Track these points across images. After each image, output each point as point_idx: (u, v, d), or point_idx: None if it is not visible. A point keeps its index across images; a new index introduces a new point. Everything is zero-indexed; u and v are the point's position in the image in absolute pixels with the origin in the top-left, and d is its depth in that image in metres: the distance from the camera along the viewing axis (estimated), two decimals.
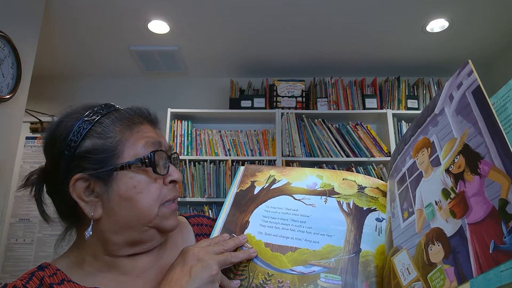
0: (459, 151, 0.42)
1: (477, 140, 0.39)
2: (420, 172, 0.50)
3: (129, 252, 0.56)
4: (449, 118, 0.46)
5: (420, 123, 0.55)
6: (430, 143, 0.50)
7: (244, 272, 0.55)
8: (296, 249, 0.56)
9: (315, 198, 0.63)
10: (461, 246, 0.37)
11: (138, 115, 0.58)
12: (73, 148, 0.53)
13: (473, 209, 0.37)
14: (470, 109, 0.42)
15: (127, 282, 0.55)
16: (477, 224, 0.36)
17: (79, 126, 0.54)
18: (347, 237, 0.56)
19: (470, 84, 0.43)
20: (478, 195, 0.37)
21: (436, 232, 0.42)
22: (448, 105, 0.48)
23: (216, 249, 0.53)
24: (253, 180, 0.69)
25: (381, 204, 0.60)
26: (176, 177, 0.58)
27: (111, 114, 0.56)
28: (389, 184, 0.61)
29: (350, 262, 0.53)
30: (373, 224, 0.57)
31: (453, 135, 0.44)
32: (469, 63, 0.45)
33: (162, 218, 0.56)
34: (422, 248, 0.43)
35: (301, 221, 0.60)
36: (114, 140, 0.54)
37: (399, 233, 0.50)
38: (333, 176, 0.66)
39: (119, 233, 0.54)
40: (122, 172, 0.53)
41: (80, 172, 0.52)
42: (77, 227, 0.58)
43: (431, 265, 0.41)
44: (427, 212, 0.45)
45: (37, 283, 0.50)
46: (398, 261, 0.47)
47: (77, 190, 0.52)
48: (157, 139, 0.57)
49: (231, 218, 0.63)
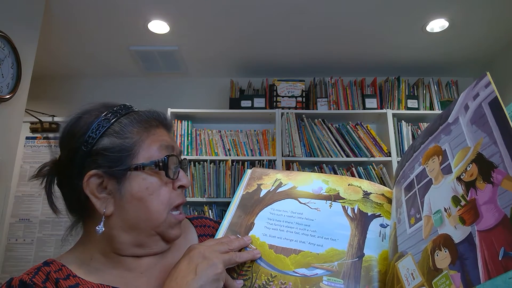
0: (472, 159, 0.43)
1: (491, 149, 0.40)
2: (429, 179, 0.51)
3: (134, 253, 0.57)
4: (463, 127, 0.47)
5: (432, 131, 0.55)
6: (442, 151, 0.50)
7: (247, 272, 0.55)
8: (299, 252, 0.56)
9: (320, 203, 0.63)
10: (469, 253, 0.38)
11: (155, 118, 0.60)
12: (90, 145, 0.54)
13: (484, 216, 0.38)
14: (485, 119, 0.43)
15: (131, 279, 0.55)
16: (487, 232, 0.37)
17: (99, 123, 0.55)
18: (350, 242, 0.56)
19: (487, 95, 0.44)
20: (490, 203, 0.38)
21: (443, 238, 0.42)
22: (463, 114, 0.48)
23: (222, 248, 0.53)
24: (259, 183, 0.70)
25: (386, 210, 0.61)
26: (184, 183, 0.59)
27: (130, 115, 0.58)
28: (395, 191, 0.61)
29: (353, 266, 0.53)
30: (377, 230, 0.58)
31: (467, 144, 0.45)
32: (487, 75, 0.45)
33: (168, 226, 0.57)
34: (428, 254, 0.44)
35: (305, 224, 0.60)
36: (131, 141, 0.55)
37: (405, 238, 0.50)
38: (339, 182, 0.67)
39: (127, 232, 0.55)
40: (136, 172, 0.54)
41: (95, 169, 0.53)
42: (84, 223, 0.59)
43: (437, 271, 0.41)
44: (436, 218, 0.46)
45: (43, 278, 0.50)
46: (403, 266, 0.47)
47: (90, 186, 0.53)
48: (171, 143, 0.59)
49: (236, 219, 0.64)
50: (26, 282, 0.49)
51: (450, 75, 2.96)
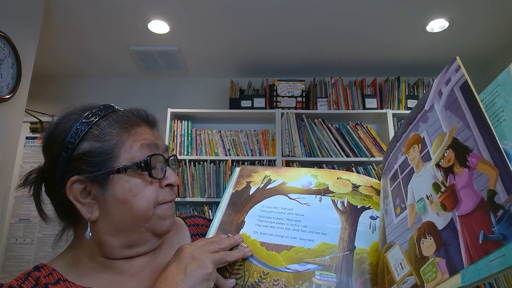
0: (448, 145, 0.43)
1: (465, 133, 0.40)
2: (411, 168, 0.51)
3: (125, 255, 0.56)
4: (438, 114, 0.47)
5: (411, 120, 0.56)
6: (421, 139, 0.51)
7: (239, 271, 0.55)
8: (291, 248, 0.56)
9: (310, 197, 0.63)
10: (452, 239, 0.38)
11: (136, 116, 0.58)
12: (70, 150, 0.53)
13: (463, 201, 0.38)
14: (458, 104, 0.43)
15: (122, 282, 0.55)
16: (467, 216, 0.37)
17: (77, 128, 0.54)
18: (341, 235, 0.57)
19: (458, 80, 0.44)
20: (468, 187, 0.38)
21: (427, 226, 0.43)
22: (437, 101, 0.49)
23: (212, 248, 0.53)
24: (248, 180, 0.70)
25: (375, 202, 0.61)
26: (172, 181, 0.58)
27: (109, 116, 0.56)
28: (382, 182, 0.61)
29: (344, 259, 0.53)
30: (367, 222, 0.58)
31: (443, 130, 0.45)
32: (456, 59, 0.46)
33: (158, 219, 0.56)
34: (414, 243, 0.44)
35: (296, 220, 0.60)
36: (111, 143, 0.54)
37: (392, 229, 0.50)
38: (328, 176, 0.67)
39: (115, 235, 0.54)
40: (118, 175, 0.53)
41: (77, 175, 0.52)
42: (74, 228, 0.58)
43: (424, 259, 0.41)
44: (419, 206, 0.46)
45: (32, 283, 0.50)
46: (392, 256, 0.47)
47: (73, 192, 0.53)
48: (154, 141, 0.57)
49: (226, 218, 0.64)
50: None
51: None
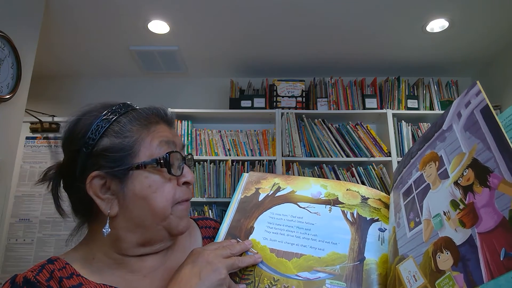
0: (468, 165, 0.45)
1: (486, 155, 0.42)
2: (427, 184, 0.53)
3: (139, 252, 0.57)
4: (457, 134, 0.49)
5: (427, 138, 0.57)
6: (438, 157, 0.52)
7: (249, 276, 0.56)
8: (301, 256, 0.57)
9: (320, 207, 0.64)
10: (471, 254, 0.39)
11: (155, 114, 0.59)
12: (90, 146, 0.54)
13: (483, 219, 0.39)
14: (478, 126, 0.45)
15: (134, 281, 0.55)
16: (487, 233, 0.38)
17: (98, 124, 0.55)
18: (351, 246, 0.57)
19: (479, 103, 0.46)
20: (488, 206, 0.39)
21: (444, 241, 0.44)
22: (456, 122, 0.50)
23: (224, 252, 0.54)
24: (257, 187, 0.70)
25: (383, 215, 0.62)
26: (189, 179, 0.59)
27: (129, 113, 0.57)
28: (394, 196, 0.63)
29: (355, 269, 0.54)
30: (376, 234, 0.59)
31: (462, 150, 0.47)
32: (477, 83, 0.47)
33: (176, 218, 0.56)
34: (430, 256, 0.45)
35: (306, 228, 0.61)
36: (131, 140, 0.55)
37: (405, 242, 0.52)
38: (337, 187, 0.68)
39: (132, 231, 0.55)
40: (137, 171, 0.54)
41: (97, 170, 0.53)
42: (89, 223, 0.59)
43: (440, 272, 0.42)
44: (435, 222, 0.47)
45: (47, 276, 0.50)
46: (404, 268, 0.49)
47: (93, 188, 0.53)
48: (172, 138, 0.58)
49: (235, 223, 0.64)
50: (30, 279, 0.49)
51: (450, 75, 2.96)
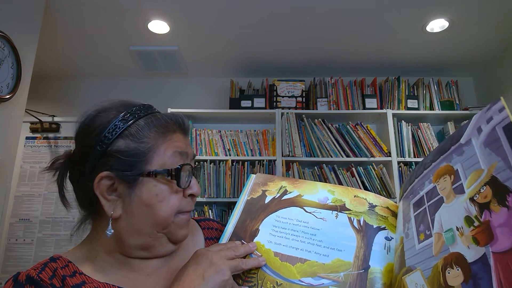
0: (486, 182, 0.43)
1: (506, 174, 0.40)
2: (440, 197, 0.51)
3: (141, 255, 0.56)
4: (476, 150, 0.47)
5: (443, 150, 0.56)
6: (454, 171, 0.51)
7: (252, 279, 0.55)
8: (305, 261, 0.56)
9: (326, 213, 0.63)
10: (483, 273, 0.38)
11: (174, 122, 0.58)
12: (105, 145, 0.53)
13: (499, 239, 0.38)
14: (500, 143, 0.43)
15: (138, 280, 0.55)
16: (502, 254, 0.37)
17: (115, 124, 0.54)
18: (356, 253, 0.57)
19: (502, 120, 0.44)
20: (505, 226, 0.38)
21: (455, 257, 0.43)
22: (476, 137, 0.49)
23: (228, 254, 0.53)
24: (264, 189, 0.69)
25: (390, 223, 0.61)
26: (195, 191, 0.58)
27: (148, 117, 0.56)
28: (403, 205, 0.61)
29: (359, 277, 0.53)
30: (382, 242, 0.58)
31: (480, 166, 0.45)
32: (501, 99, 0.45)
33: (176, 227, 0.56)
34: (439, 271, 0.44)
35: (311, 233, 0.60)
36: (147, 146, 0.54)
37: (413, 254, 0.51)
38: (345, 193, 0.67)
39: (133, 235, 0.55)
40: (147, 178, 0.54)
41: (107, 171, 0.53)
42: (93, 221, 0.58)
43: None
44: (447, 236, 0.46)
45: (50, 274, 0.50)
46: (411, 280, 0.48)
47: (101, 187, 0.53)
48: (185, 149, 0.58)
49: (241, 224, 0.63)
50: (33, 277, 0.49)
51: (450, 75, 2.96)
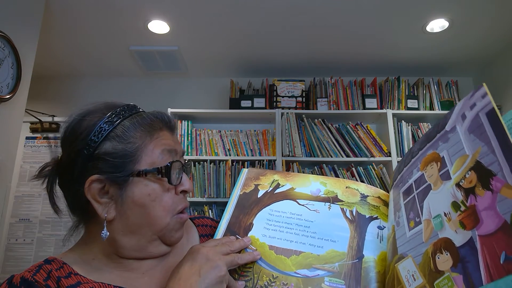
0: (471, 167, 0.44)
1: (489, 158, 0.42)
2: (428, 185, 0.52)
3: (135, 256, 0.56)
4: (461, 136, 0.49)
5: (429, 138, 0.57)
6: (440, 158, 0.52)
7: (248, 273, 0.56)
8: (300, 253, 0.57)
9: (319, 204, 0.64)
10: (471, 256, 0.39)
11: (159, 120, 0.58)
12: (92, 148, 0.53)
13: (484, 222, 0.39)
14: (483, 129, 0.44)
15: (133, 279, 0.55)
16: (488, 236, 0.38)
17: (101, 126, 0.54)
18: (350, 243, 0.57)
19: (484, 106, 0.46)
20: (490, 209, 0.39)
21: (444, 242, 0.44)
22: (460, 123, 0.50)
23: (224, 249, 0.54)
24: (256, 183, 0.70)
25: (382, 213, 0.62)
26: (187, 188, 0.58)
27: (133, 117, 0.56)
28: (393, 194, 0.62)
29: (353, 267, 0.54)
30: (375, 232, 0.59)
31: (465, 152, 0.47)
32: (483, 86, 0.47)
33: (172, 230, 0.57)
34: (429, 256, 0.45)
35: (305, 225, 0.61)
36: (134, 146, 0.54)
37: (404, 241, 0.52)
38: (337, 184, 0.68)
39: (128, 236, 0.55)
40: (138, 178, 0.54)
41: (97, 174, 0.52)
42: (86, 224, 0.58)
43: (439, 273, 0.42)
44: (436, 222, 0.47)
45: (44, 276, 0.50)
46: (403, 268, 0.49)
47: (92, 191, 0.53)
48: (174, 146, 0.58)
49: (234, 219, 0.64)
50: (27, 279, 0.48)
51: (450, 75, 2.96)
